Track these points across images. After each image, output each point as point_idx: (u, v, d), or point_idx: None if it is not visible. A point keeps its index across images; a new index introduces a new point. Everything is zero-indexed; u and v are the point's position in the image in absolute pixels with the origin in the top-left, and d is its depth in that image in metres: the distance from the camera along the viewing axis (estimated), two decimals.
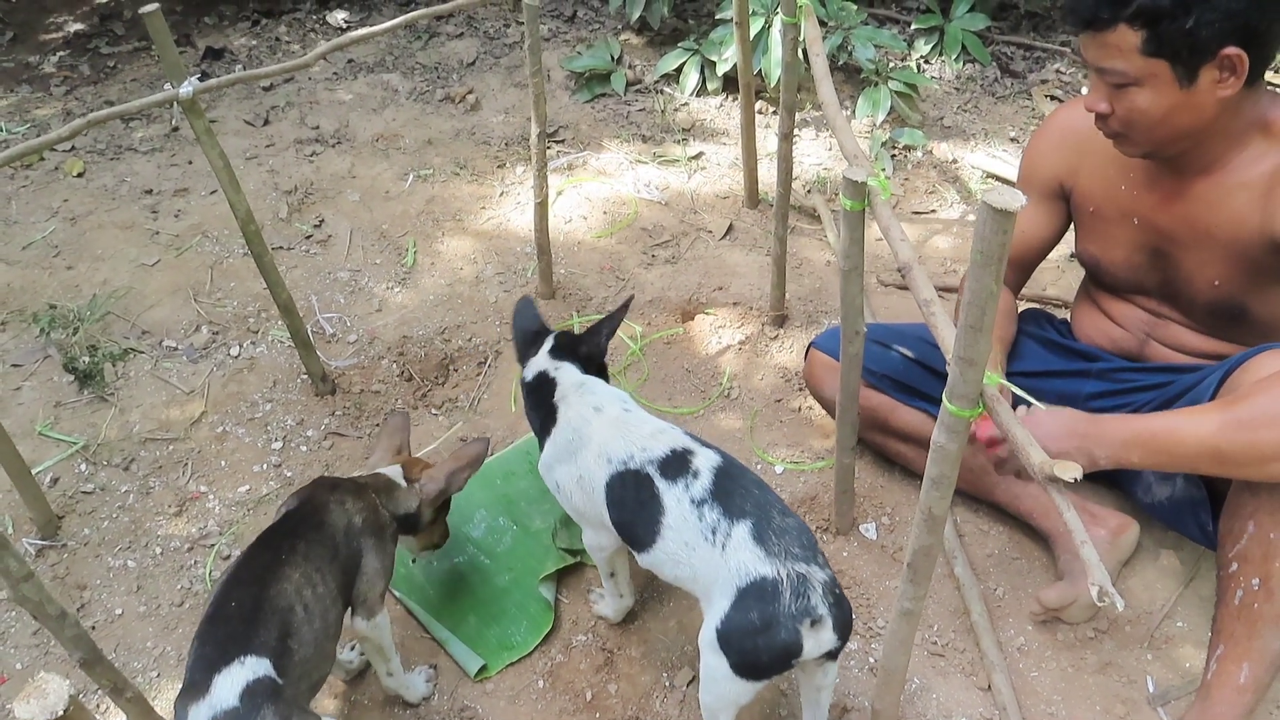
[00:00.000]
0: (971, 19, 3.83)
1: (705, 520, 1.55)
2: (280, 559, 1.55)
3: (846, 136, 1.67)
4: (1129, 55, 1.57)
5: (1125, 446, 1.56)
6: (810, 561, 1.47)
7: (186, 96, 1.92)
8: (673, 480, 1.61)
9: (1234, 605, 1.64)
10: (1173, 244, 1.81)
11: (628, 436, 1.70)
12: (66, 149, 3.48)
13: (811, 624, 1.43)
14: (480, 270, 2.93)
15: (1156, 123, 1.63)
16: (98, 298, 2.81)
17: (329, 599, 1.57)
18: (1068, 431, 1.60)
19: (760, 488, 1.59)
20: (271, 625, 1.46)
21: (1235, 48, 1.52)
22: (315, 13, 4.52)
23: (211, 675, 1.38)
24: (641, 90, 3.81)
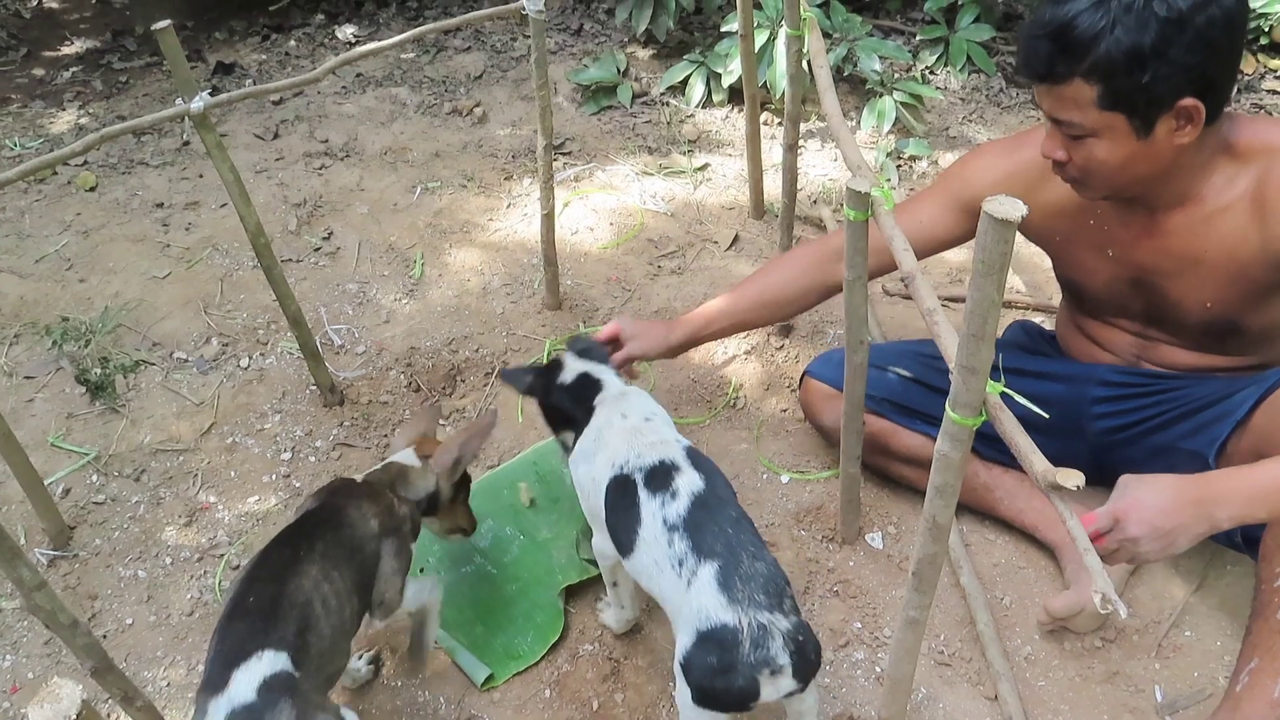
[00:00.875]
0: (976, 30, 3.84)
1: (674, 549, 1.54)
2: (299, 555, 1.58)
3: (850, 147, 1.68)
4: (1085, 109, 1.56)
5: (1251, 504, 1.45)
6: (775, 609, 1.46)
7: (198, 111, 1.94)
8: (652, 493, 1.61)
9: (1275, 619, 1.62)
10: (1156, 274, 1.80)
11: (632, 443, 1.72)
12: (79, 163, 3.52)
13: (770, 673, 1.43)
14: (487, 282, 2.95)
15: (1114, 171, 1.62)
16: (109, 310, 2.83)
17: (346, 593, 1.59)
18: (1181, 500, 1.46)
19: (736, 525, 1.56)
20: (290, 620, 1.48)
21: (1191, 99, 1.51)
22: (324, 28, 4.56)
23: (230, 671, 1.41)
24: (647, 102, 3.84)
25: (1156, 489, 1.48)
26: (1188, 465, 1.84)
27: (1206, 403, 1.84)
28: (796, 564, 2.10)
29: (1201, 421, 1.84)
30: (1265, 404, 1.70)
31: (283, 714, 1.37)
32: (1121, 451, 2.00)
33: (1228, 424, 1.76)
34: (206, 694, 1.42)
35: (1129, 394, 1.96)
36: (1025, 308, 2.75)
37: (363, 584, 1.66)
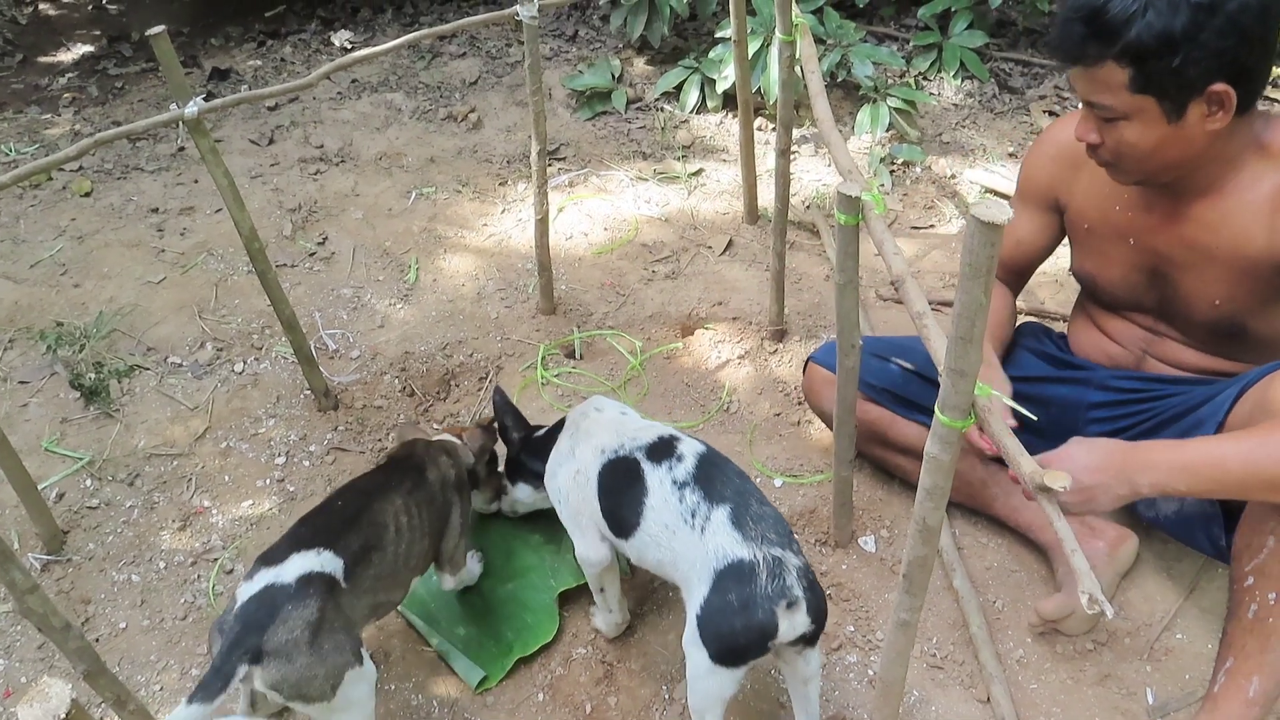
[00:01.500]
0: (970, 36, 3.86)
1: (685, 502, 1.61)
2: (392, 484, 1.75)
3: (841, 152, 1.69)
4: (1117, 91, 1.58)
5: (1171, 473, 1.52)
6: (785, 547, 1.52)
7: (191, 116, 1.95)
8: (657, 463, 1.68)
9: (1247, 619, 1.63)
10: (1171, 265, 1.81)
11: (621, 431, 1.79)
12: (74, 168, 3.52)
13: (787, 605, 1.47)
14: (482, 286, 2.96)
15: (1146, 155, 1.64)
16: (104, 315, 2.83)
17: (420, 532, 1.74)
18: (1107, 463, 1.55)
19: (741, 477, 1.64)
20: (362, 533, 1.63)
21: (1223, 84, 1.53)
22: (320, 34, 4.57)
23: (291, 552, 1.56)
24: (642, 108, 3.85)
25: (1089, 448, 1.57)
26: None
27: (1192, 406, 1.85)
28: None
29: (1187, 426, 1.85)
30: (1238, 403, 1.72)
31: (307, 609, 1.49)
32: None
33: (1210, 426, 1.77)
34: (263, 563, 1.57)
35: (1126, 399, 1.97)
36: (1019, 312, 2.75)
37: (436, 530, 1.80)
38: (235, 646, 1.45)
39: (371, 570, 1.63)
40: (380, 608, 1.71)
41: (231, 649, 1.45)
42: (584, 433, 1.84)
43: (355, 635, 1.57)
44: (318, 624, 1.49)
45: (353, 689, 1.53)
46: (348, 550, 1.60)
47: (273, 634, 1.46)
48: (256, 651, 1.45)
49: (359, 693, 1.55)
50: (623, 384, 2.60)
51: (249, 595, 1.52)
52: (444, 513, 1.83)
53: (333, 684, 1.50)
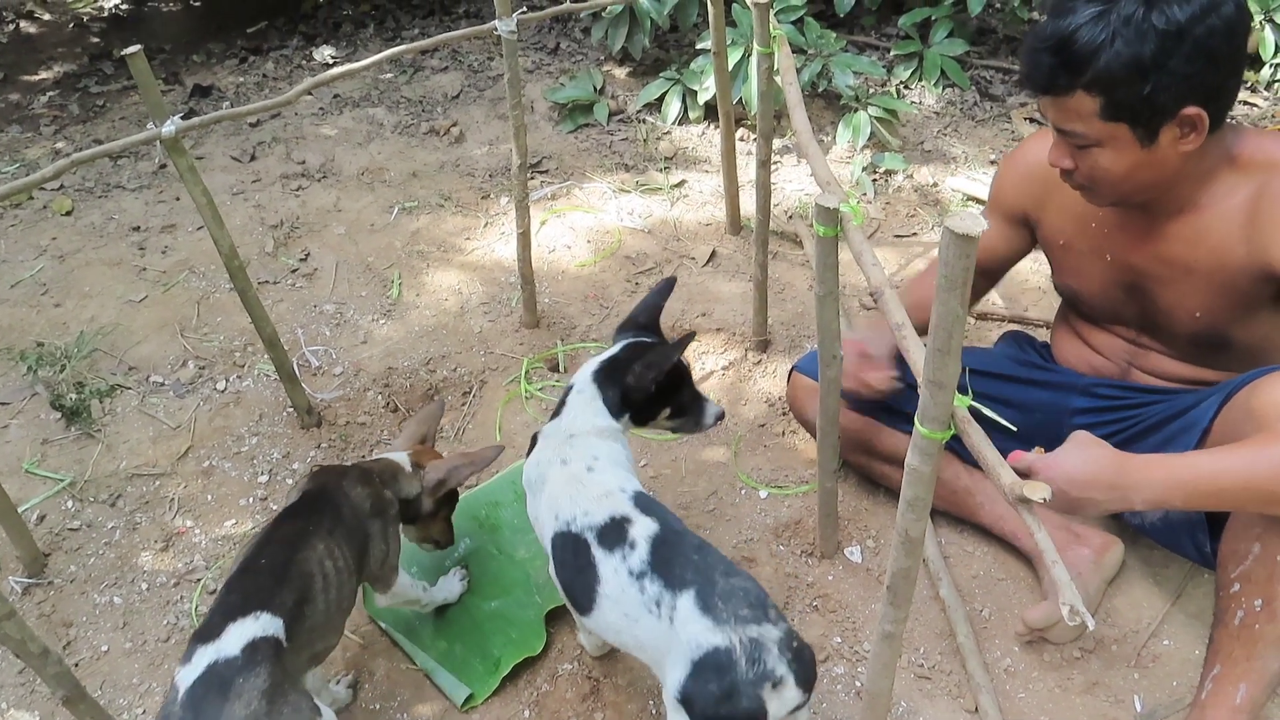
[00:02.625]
0: (950, 44, 3.88)
1: (647, 593, 1.52)
2: (308, 529, 1.65)
3: (819, 164, 1.69)
4: (1088, 120, 1.58)
5: (1167, 490, 1.49)
6: (761, 621, 1.44)
7: (169, 136, 1.94)
8: (610, 550, 1.58)
9: (1233, 626, 1.63)
10: (1149, 280, 1.81)
11: (576, 497, 1.67)
12: (55, 187, 3.51)
13: (773, 686, 1.41)
14: (465, 301, 2.95)
15: (1120, 180, 1.64)
16: (85, 335, 2.82)
17: (345, 573, 1.66)
18: (1097, 478, 1.50)
19: (700, 551, 1.55)
20: (294, 587, 1.56)
21: (1194, 107, 1.53)
22: (302, 49, 4.56)
23: (227, 622, 1.47)
24: (624, 120, 3.85)
25: (1083, 458, 1.52)
26: None
27: (1175, 413, 1.86)
28: (775, 579, 2.10)
29: (1171, 432, 1.85)
30: (1223, 411, 1.72)
31: (259, 678, 1.42)
32: None
33: (1194, 434, 1.77)
34: (199, 640, 1.47)
35: (1109, 406, 1.97)
36: (1001, 319, 2.77)
37: (359, 563, 1.73)
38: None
39: (307, 624, 1.56)
40: (317, 657, 1.65)
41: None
42: (545, 479, 1.73)
43: (304, 690, 1.51)
44: (271, 691, 1.42)
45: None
46: (284, 608, 1.52)
47: (230, 713, 1.38)
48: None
49: None
50: None
51: (192, 680, 1.42)
52: (364, 544, 1.75)
53: None
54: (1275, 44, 3.76)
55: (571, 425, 1.79)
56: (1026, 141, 2.01)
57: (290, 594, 1.54)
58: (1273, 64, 3.79)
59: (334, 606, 1.63)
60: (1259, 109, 3.76)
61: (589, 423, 1.79)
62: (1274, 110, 3.73)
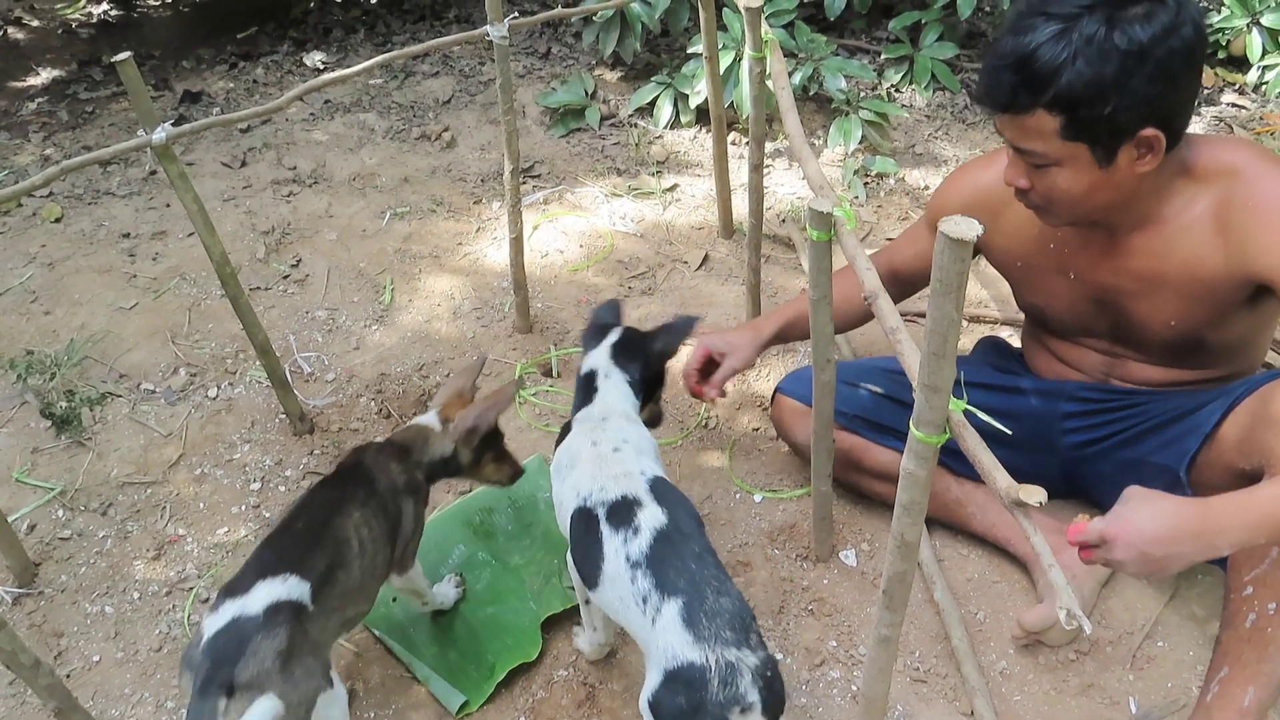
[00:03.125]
0: (940, 48, 3.89)
1: (638, 585, 1.53)
2: (345, 496, 1.73)
3: (812, 167, 1.69)
4: (1047, 139, 1.57)
5: (1252, 530, 1.39)
6: (742, 645, 1.44)
7: (159, 143, 1.93)
8: (615, 529, 1.60)
9: (1244, 629, 1.63)
10: (1119, 294, 1.81)
11: (596, 474, 1.70)
12: (44, 194, 3.49)
13: (740, 711, 1.41)
14: (458, 306, 2.95)
15: (1078, 200, 1.64)
16: (75, 342, 2.80)
17: (380, 542, 1.73)
18: (1179, 531, 1.39)
19: (699, 560, 1.54)
20: (327, 552, 1.62)
21: (1153, 129, 1.54)
22: (292, 55, 4.55)
23: (257, 579, 1.55)
24: (616, 124, 3.85)
25: (1155, 514, 1.40)
26: (1158, 479, 1.85)
27: (1174, 417, 1.86)
28: (770, 583, 2.09)
29: (1171, 436, 1.85)
30: (1232, 415, 1.72)
31: (276, 639, 1.48)
32: (1092, 466, 2.02)
33: (1197, 438, 1.78)
34: (228, 593, 1.55)
35: (1099, 409, 1.97)
36: (994, 322, 2.77)
37: (391, 537, 1.78)
38: (209, 683, 1.44)
39: (338, 589, 1.63)
40: (349, 623, 1.72)
41: (205, 686, 1.44)
42: (574, 461, 1.76)
43: (324, 658, 1.57)
44: (287, 653, 1.48)
45: (324, 712, 1.54)
46: (313, 572, 1.59)
47: (244, 667, 1.44)
48: (229, 686, 1.43)
49: (330, 715, 1.55)
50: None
51: (216, 629, 1.50)
52: (396, 519, 1.80)
53: (306, 709, 1.50)
54: (1263, 46, 3.78)
55: (605, 409, 1.85)
56: (970, 165, 1.99)
57: (322, 558, 1.61)
58: (1260, 66, 3.81)
59: (367, 574, 1.70)
60: (1247, 111, 3.78)
61: (620, 406, 1.86)
62: (1261, 112, 3.75)
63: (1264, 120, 3.70)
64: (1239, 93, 3.88)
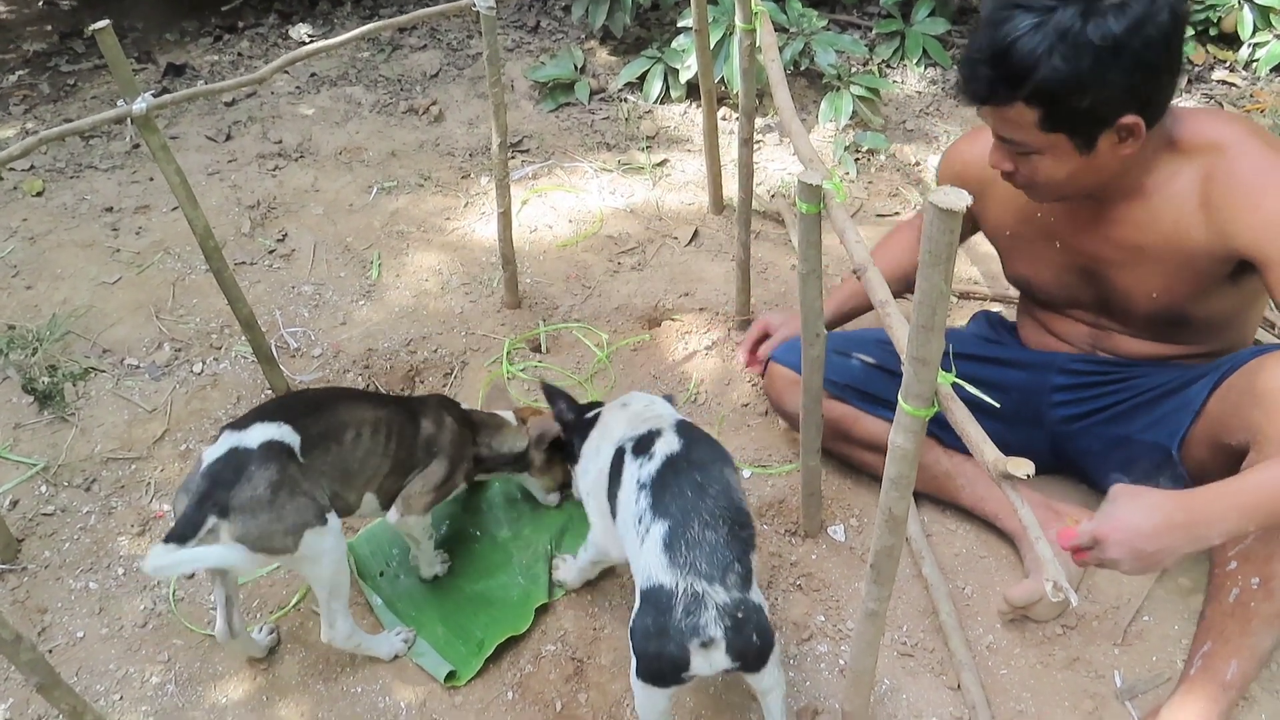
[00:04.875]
0: (932, 23, 3.86)
1: (639, 505, 1.57)
2: (372, 401, 1.89)
3: (802, 141, 1.68)
4: (1027, 129, 1.58)
5: (1242, 519, 1.42)
6: (714, 581, 1.44)
7: (140, 113, 1.90)
8: (635, 456, 1.67)
9: (1228, 603, 1.64)
10: (1103, 264, 1.82)
11: (634, 421, 1.78)
12: (25, 167, 3.44)
13: (701, 645, 1.42)
14: (446, 281, 2.92)
15: (1061, 184, 1.66)
16: (57, 317, 2.77)
17: (381, 454, 1.83)
18: (1167, 525, 1.41)
19: (699, 490, 1.56)
20: (322, 421, 1.76)
21: (1132, 116, 1.53)
22: (278, 28, 4.49)
23: (255, 421, 1.70)
24: (605, 99, 3.82)
25: (1144, 509, 1.42)
26: (1148, 456, 1.86)
27: (1164, 393, 1.86)
28: (759, 558, 2.09)
29: (1161, 413, 1.86)
30: (1218, 391, 1.72)
31: (269, 470, 1.62)
32: (1080, 441, 2.02)
33: (1188, 414, 1.78)
34: (230, 428, 1.70)
35: (1088, 382, 1.98)
36: (984, 298, 2.77)
37: (405, 467, 1.88)
38: (205, 499, 1.58)
39: (328, 457, 1.75)
40: (332, 499, 1.76)
41: (201, 502, 1.58)
42: (608, 430, 1.82)
43: (319, 501, 1.68)
44: (279, 484, 1.62)
45: (315, 543, 1.66)
46: (306, 431, 1.72)
47: (239, 491, 1.59)
48: (224, 506, 1.58)
49: (322, 545, 1.67)
50: (589, 377, 2.57)
51: (215, 456, 1.64)
52: (419, 458, 1.90)
53: (294, 539, 1.63)
54: (1254, 23, 3.77)
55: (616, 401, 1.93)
56: (958, 144, 2.00)
57: (316, 424, 1.75)
58: (1250, 43, 3.79)
59: (355, 464, 1.79)
60: (1238, 89, 3.77)
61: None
62: (1252, 90, 3.74)
63: (1254, 98, 3.69)
64: (1229, 70, 3.87)
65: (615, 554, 1.80)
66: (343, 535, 1.74)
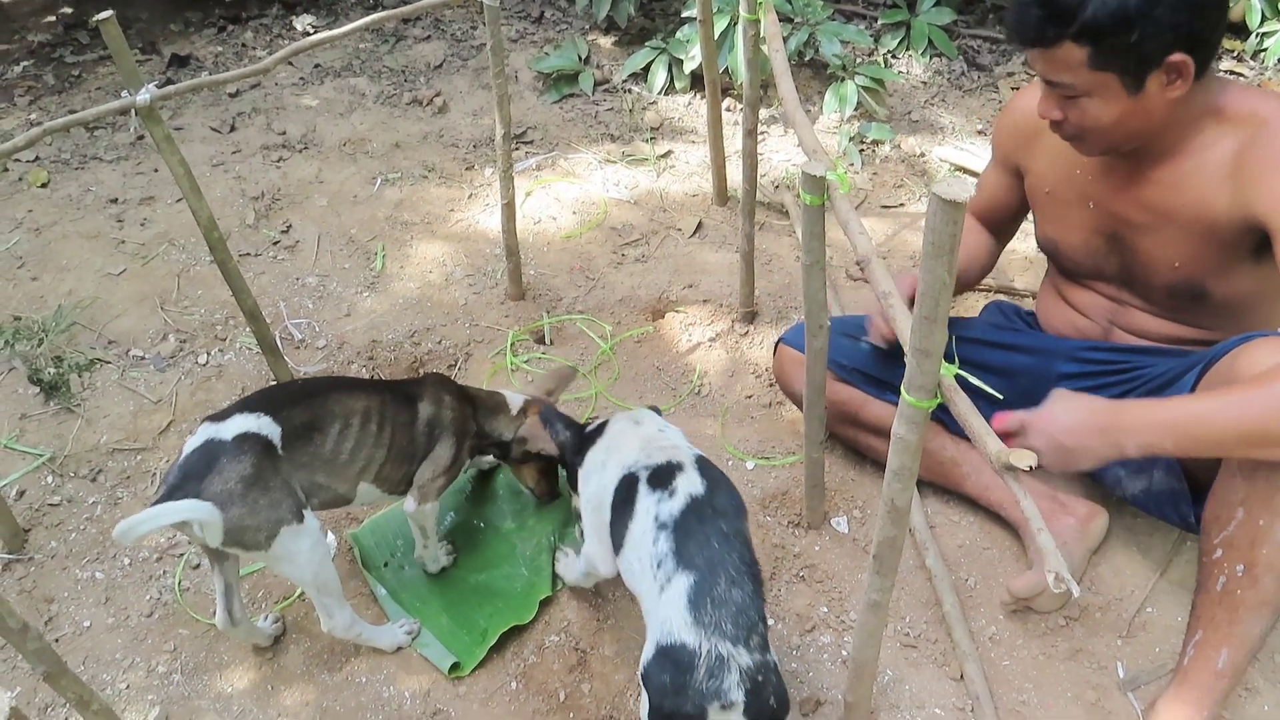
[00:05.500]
0: (938, 13, 3.85)
1: (658, 547, 1.50)
2: (366, 389, 1.84)
3: (806, 132, 1.67)
4: (1076, 70, 1.60)
5: (1157, 433, 1.52)
6: (739, 642, 1.41)
7: (144, 104, 1.90)
8: (652, 488, 1.58)
9: (1215, 591, 1.64)
10: (1129, 228, 1.82)
11: (645, 447, 1.68)
12: (30, 159, 3.45)
13: (721, 707, 1.38)
14: (450, 272, 2.92)
15: (1110, 128, 1.66)
16: (63, 308, 2.78)
17: (376, 443, 1.79)
18: (1089, 425, 1.54)
19: (725, 541, 1.49)
20: (309, 412, 1.72)
21: (1180, 54, 1.55)
22: (281, 19, 4.49)
23: (235, 413, 1.66)
24: (609, 90, 3.81)
25: (1071, 408, 1.57)
26: None
27: (1163, 383, 1.86)
28: (762, 550, 2.09)
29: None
30: (1206, 376, 1.72)
31: (241, 464, 1.59)
32: None
33: None
34: (210, 419, 1.67)
35: (1093, 371, 1.97)
36: (989, 289, 2.76)
37: (406, 453, 1.85)
38: (174, 491, 1.56)
39: (311, 448, 1.71)
40: (320, 490, 1.75)
41: (170, 493, 1.55)
42: (617, 447, 1.74)
43: (295, 497, 1.65)
44: (252, 479, 1.59)
45: (290, 543, 1.63)
46: (288, 422, 1.68)
47: (209, 483, 1.56)
48: (195, 498, 1.54)
49: (298, 546, 1.64)
50: (593, 369, 2.57)
51: (192, 448, 1.62)
52: (423, 445, 1.88)
53: (267, 535, 1.61)
54: (1262, 13, 3.74)
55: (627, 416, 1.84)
56: (1018, 94, 2.03)
57: (301, 414, 1.71)
58: (1259, 33, 3.77)
59: (344, 455, 1.76)
60: (1245, 78, 3.75)
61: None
62: (1260, 80, 3.72)
63: (1263, 87, 3.67)
64: (1238, 60, 3.85)
65: (605, 571, 1.75)
66: (321, 535, 1.70)
